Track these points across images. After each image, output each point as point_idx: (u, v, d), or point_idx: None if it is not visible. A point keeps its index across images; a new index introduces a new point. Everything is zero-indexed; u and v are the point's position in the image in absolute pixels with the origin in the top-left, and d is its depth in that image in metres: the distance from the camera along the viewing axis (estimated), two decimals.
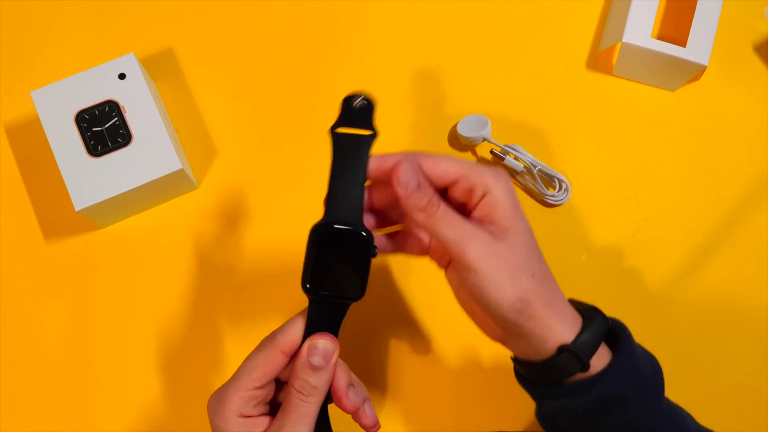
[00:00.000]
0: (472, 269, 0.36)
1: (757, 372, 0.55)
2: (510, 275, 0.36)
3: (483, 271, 0.36)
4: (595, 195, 0.59)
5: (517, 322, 0.37)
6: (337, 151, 0.39)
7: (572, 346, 0.37)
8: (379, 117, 0.63)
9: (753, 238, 0.58)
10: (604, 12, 0.64)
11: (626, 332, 0.40)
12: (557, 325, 0.38)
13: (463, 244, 0.36)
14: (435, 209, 0.36)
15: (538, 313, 0.37)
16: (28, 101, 0.55)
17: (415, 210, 0.36)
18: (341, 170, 0.38)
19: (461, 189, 0.38)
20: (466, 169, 0.38)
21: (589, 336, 0.38)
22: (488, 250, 0.36)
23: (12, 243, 0.57)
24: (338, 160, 0.39)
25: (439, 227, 0.36)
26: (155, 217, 0.58)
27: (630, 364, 0.39)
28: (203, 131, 0.60)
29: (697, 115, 0.61)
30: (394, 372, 0.55)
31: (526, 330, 0.37)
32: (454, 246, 0.36)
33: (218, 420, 0.39)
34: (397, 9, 0.63)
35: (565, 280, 0.57)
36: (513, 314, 0.36)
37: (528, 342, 0.38)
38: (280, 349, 0.40)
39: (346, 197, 0.38)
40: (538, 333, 0.37)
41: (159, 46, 0.61)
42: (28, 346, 0.55)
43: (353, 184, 0.38)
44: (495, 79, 0.61)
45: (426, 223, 0.36)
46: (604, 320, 0.40)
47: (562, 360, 0.37)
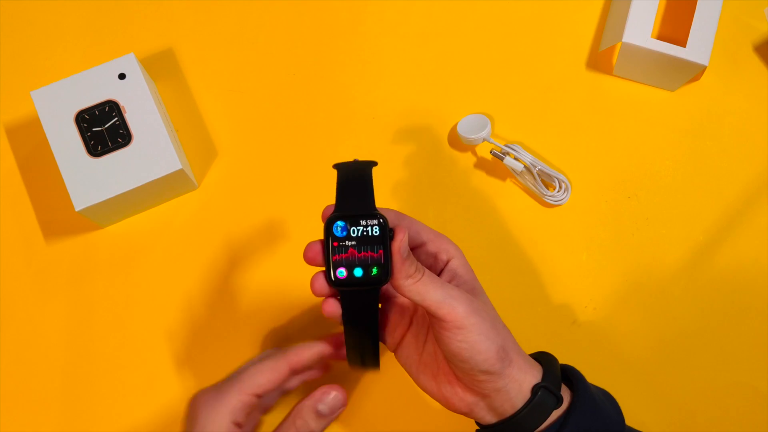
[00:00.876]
0: (461, 325, 0.38)
1: (757, 372, 0.55)
2: (492, 326, 0.39)
3: (471, 324, 0.38)
4: (595, 195, 0.59)
5: (501, 370, 0.39)
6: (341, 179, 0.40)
7: (544, 383, 0.40)
8: (379, 117, 0.63)
9: (753, 238, 0.58)
10: (604, 12, 0.64)
11: (578, 373, 0.43)
12: (529, 368, 0.41)
13: (452, 302, 0.38)
14: (421, 275, 0.39)
15: (515, 359, 0.40)
16: (28, 101, 0.55)
17: (404, 277, 0.38)
18: (347, 186, 0.39)
19: (426, 252, 0.42)
20: (432, 235, 0.42)
21: (554, 373, 0.41)
22: (472, 305, 0.39)
23: (12, 243, 0.57)
24: (343, 180, 0.40)
25: (427, 290, 0.38)
26: (155, 217, 0.58)
27: (589, 401, 0.41)
28: (203, 131, 0.60)
29: (697, 115, 0.61)
30: (394, 372, 0.55)
31: (507, 377, 0.39)
32: (444, 305, 0.38)
33: (209, 419, 0.38)
34: (398, 9, 0.63)
35: (565, 280, 0.57)
36: (498, 363, 0.39)
37: (505, 395, 0.39)
38: (290, 364, 0.40)
39: (355, 201, 0.39)
40: (518, 378, 0.40)
41: (159, 46, 0.62)
42: (28, 346, 0.55)
43: (361, 192, 0.39)
44: (495, 79, 0.61)
45: (413, 288, 0.38)
46: (556, 360, 0.43)
47: (540, 398, 0.39)
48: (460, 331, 0.38)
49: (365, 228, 0.38)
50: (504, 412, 0.40)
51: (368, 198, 0.39)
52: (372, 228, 0.38)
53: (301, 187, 0.58)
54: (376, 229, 0.38)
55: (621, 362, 0.55)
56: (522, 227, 0.58)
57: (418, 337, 0.43)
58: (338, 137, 0.60)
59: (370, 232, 0.38)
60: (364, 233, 0.38)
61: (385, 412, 0.54)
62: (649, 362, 0.55)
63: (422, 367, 0.43)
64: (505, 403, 0.40)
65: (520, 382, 0.40)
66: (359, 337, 0.41)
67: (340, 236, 0.38)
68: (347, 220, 0.38)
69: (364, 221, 0.38)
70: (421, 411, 0.54)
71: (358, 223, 0.38)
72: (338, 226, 0.38)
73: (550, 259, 0.58)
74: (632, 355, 0.55)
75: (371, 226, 0.38)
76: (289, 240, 0.57)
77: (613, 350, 0.55)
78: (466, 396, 0.41)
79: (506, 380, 0.39)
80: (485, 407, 0.41)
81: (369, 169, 0.39)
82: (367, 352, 0.42)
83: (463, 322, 0.38)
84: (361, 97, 0.61)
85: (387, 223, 0.38)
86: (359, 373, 0.54)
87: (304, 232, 0.57)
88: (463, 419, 0.43)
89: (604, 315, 0.56)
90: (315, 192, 0.58)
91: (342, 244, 0.38)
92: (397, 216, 0.41)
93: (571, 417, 0.40)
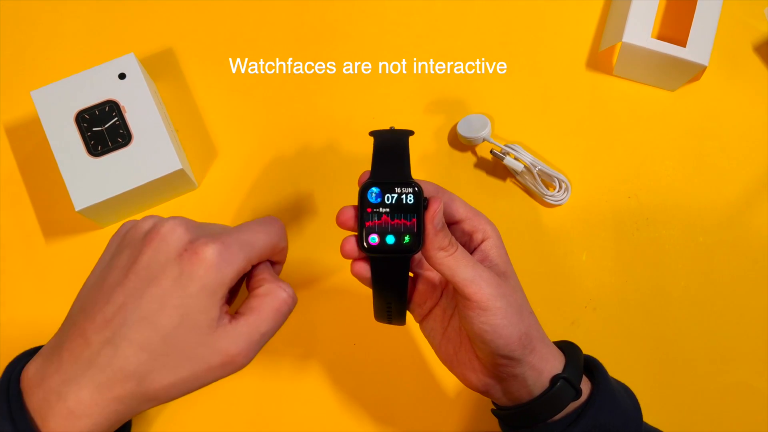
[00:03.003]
0: (486, 307, 0.37)
1: (757, 372, 0.55)
2: (517, 312, 0.39)
3: (496, 308, 0.38)
4: (595, 195, 0.59)
5: (522, 357, 0.38)
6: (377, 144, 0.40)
7: (565, 374, 0.40)
8: (379, 117, 0.63)
9: (753, 238, 0.58)
10: (604, 12, 0.64)
11: (600, 365, 0.43)
12: (551, 357, 0.40)
13: (480, 282, 0.38)
14: (454, 249, 0.38)
15: (538, 347, 0.40)
16: (28, 101, 0.55)
17: (436, 249, 0.38)
18: (382, 154, 0.39)
19: (462, 230, 0.41)
20: (470, 213, 0.41)
21: (576, 365, 0.41)
22: (500, 289, 0.38)
23: (12, 243, 0.57)
24: (379, 147, 0.39)
25: (458, 266, 0.38)
26: None
27: (609, 395, 0.41)
28: (203, 131, 0.60)
29: (697, 115, 0.61)
30: (395, 372, 0.55)
31: (526, 365, 0.39)
32: (471, 285, 0.37)
33: (224, 272, 0.33)
34: (398, 9, 0.63)
35: (565, 280, 0.57)
36: (519, 349, 0.38)
37: (522, 381, 0.39)
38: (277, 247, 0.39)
39: (390, 168, 0.39)
40: (538, 367, 0.39)
41: (159, 46, 0.62)
42: (28, 346, 0.55)
43: (397, 161, 0.39)
44: (495, 79, 0.61)
45: (444, 262, 0.38)
46: (581, 351, 0.43)
47: (558, 389, 0.39)
48: (485, 312, 0.38)
49: (400, 196, 0.38)
50: (520, 398, 0.40)
51: (404, 166, 0.38)
52: (407, 196, 0.38)
53: (301, 187, 0.58)
54: (410, 198, 0.38)
55: (621, 362, 0.55)
56: (522, 227, 0.58)
57: (446, 311, 0.43)
58: (338, 137, 0.60)
59: (404, 200, 0.38)
60: (399, 201, 0.38)
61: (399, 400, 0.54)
62: (649, 362, 0.55)
63: (445, 341, 0.43)
64: (521, 390, 0.40)
65: (539, 371, 0.39)
66: (387, 300, 0.41)
67: (374, 203, 0.38)
68: (382, 186, 0.38)
69: (399, 189, 0.38)
70: (424, 413, 0.54)
71: (393, 191, 0.38)
72: (373, 192, 0.38)
73: (550, 259, 0.58)
74: (632, 355, 0.55)
75: (406, 194, 0.38)
76: (289, 240, 0.57)
77: (613, 350, 0.55)
78: (484, 376, 0.41)
79: (525, 367, 0.39)
80: (501, 390, 0.41)
81: (405, 138, 0.39)
82: (394, 312, 0.42)
83: (488, 304, 0.37)
84: (361, 97, 0.61)
85: (422, 192, 0.38)
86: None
87: (304, 232, 0.58)
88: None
89: (604, 315, 0.56)
90: (315, 192, 0.58)
91: (375, 211, 0.38)
92: (436, 189, 0.41)
93: (589, 410, 0.39)
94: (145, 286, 0.32)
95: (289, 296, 0.36)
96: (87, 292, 0.35)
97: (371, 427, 0.54)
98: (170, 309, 0.32)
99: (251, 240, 0.36)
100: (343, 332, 0.55)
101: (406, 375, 0.54)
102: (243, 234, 0.36)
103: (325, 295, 0.55)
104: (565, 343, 0.43)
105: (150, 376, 0.32)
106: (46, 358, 0.34)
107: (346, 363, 0.55)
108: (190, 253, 0.33)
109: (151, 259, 0.33)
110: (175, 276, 0.32)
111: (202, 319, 0.32)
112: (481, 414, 0.54)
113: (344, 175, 0.58)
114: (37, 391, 0.32)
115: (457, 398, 0.54)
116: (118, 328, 0.32)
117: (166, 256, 0.33)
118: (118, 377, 0.31)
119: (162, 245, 0.33)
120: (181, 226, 0.34)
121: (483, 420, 0.53)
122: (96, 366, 0.32)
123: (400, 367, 0.55)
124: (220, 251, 0.33)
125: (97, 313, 0.33)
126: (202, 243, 0.33)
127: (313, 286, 0.55)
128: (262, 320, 0.34)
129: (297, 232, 0.58)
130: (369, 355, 0.55)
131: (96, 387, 0.31)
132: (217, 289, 0.33)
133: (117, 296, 0.32)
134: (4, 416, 0.32)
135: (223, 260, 0.33)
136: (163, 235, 0.33)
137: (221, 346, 0.33)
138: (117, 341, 0.32)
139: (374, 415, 0.54)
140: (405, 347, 0.55)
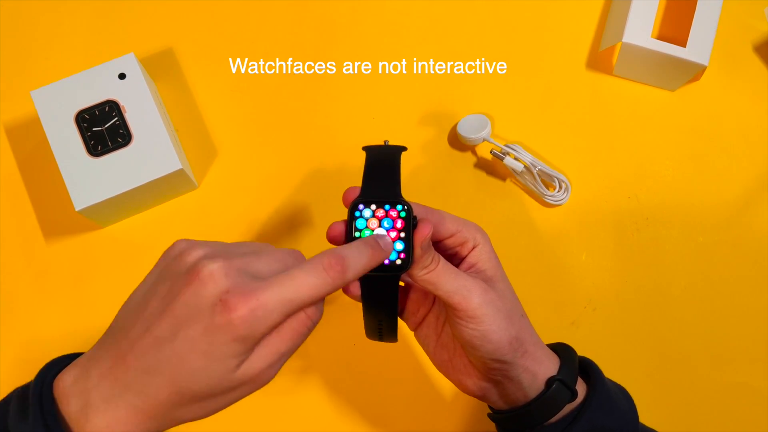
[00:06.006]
0: (474, 316, 0.38)
1: (757, 372, 0.55)
2: (506, 317, 0.39)
3: (484, 315, 0.38)
4: (595, 195, 0.59)
5: (513, 360, 0.39)
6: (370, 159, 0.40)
7: (560, 376, 0.40)
8: (379, 117, 0.63)
9: (753, 238, 0.58)
10: (604, 12, 0.64)
11: (595, 367, 0.43)
12: (546, 359, 0.40)
13: (465, 292, 0.38)
14: (435, 265, 0.39)
15: (530, 349, 0.40)
16: (28, 101, 0.55)
17: (418, 269, 0.38)
18: (374, 171, 0.39)
19: (455, 241, 0.41)
20: (459, 226, 0.42)
21: (571, 367, 0.41)
22: (486, 297, 0.39)
23: (12, 243, 0.57)
24: (371, 164, 0.39)
25: (441, 280, 0.38)
26: (155, 217, 0.58)
27: (604, 396, 0.41)
28: (203, 131, 0.60)
29: (697, 115, 0.61)
30: (395, 372, 0.55)
31: (520, 368, 0.39)
32: (456, 295, 0.38)
33: (255, 328, 0.32)
34: (398, 8, 0.63)
35: (565, 280, 0.57)
36: (510, 353, 0.39)
37: (517, 384, 0.40)
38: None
39: (380, 186, 0.38)
40: (531, 369, 0.40)
41: (159, 46, 0.61)
42: (28, 346, 0.55)
43: (387, 179, 0.39)
44: (495, 79, 0.61)
45: (426, 278, 0.38)
46: (575, 353, 0.43)
47: (554, 392, 0.39)
48: (472, 320, 0.38)
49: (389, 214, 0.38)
50: (516, 400, 0.40)
51: (394, 184, 0.38)
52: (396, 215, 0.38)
53: (301, 187, 0.58)
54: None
55: (621, 362, 0.55)
56: (522, 227, 0.58)
57: (439, 318, 0.43)
58: (338, 137, 0.60)
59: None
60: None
61: (396, 403, 0.54)
62: (648, 362, 0.55)
63: (439, 348, 0.43)
64: (517, 392, 0.40)
65: (533, 373, 0.40)
66: (378, 318, 0.41)
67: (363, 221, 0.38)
68: (371, 205, 0.38)
69: (389, 208, 0.38)
70: (424, 412, 0.54)
71: (382, 209, 0.38)
72: (361, 210, 0.38)
73: (550, 259, 0.58)
74: (632, 355, 0.55)
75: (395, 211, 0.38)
76: (289, 239, 0.57)
77: (612, 350, 0.55)
78: (479, 381, 0.41)
79: (519, 370, 0.39)
80: (497, 394, 0.41)
81: (398, 155, 0.39)
82: (385, 329, 0.42)
83: (476, 312, 0.38)
84: (361, 97, 0.61)
85: (411, 211, 0.38)
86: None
87: (304, 232, 0.58)
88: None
89: (604, 315, 0.56)
90: (315, 192, 0.58)
91: (364, 229, 0.38)
92: (425, 210, 0.41)
93: (585, 412, 0.40)
94: (180, 327, 0.32)
95: (308, 317, 0.35)
96: (130, 312, 0.35)
97: (368, 428, 0.54)
98: (199, 353, 0.32)
99: (294, 297, 0.33)
100: (342, 332, 0.55)
101: (404, 377, 0.54)
102: (285, 288, 0.33)
103: None
104: (560, 345, 0.44)
105: (180, 405, 0.33)
106: (85, 370, 0.34)
107: (345, 364, 0.55)
108: (222, 308, 0.32)
109: (188, 301, 0.32)
110: (206, 324, 0.32)
111: (230, 363, 0.33)
112: (478, 416, 0.54)
113: (344, 174, 0.58)
114: (74, 401, 0.33)
115: (454, 401, 0.54)
116: (153, 359, 0.32)
117: (203, 301, 0.32)
118: (153, 403, 0.33)
119: (200, 290, 0.32)
120: (221, 271, 0.33)
121: (480, 422, 0.53)
122: (132, 391, 0.33)
123: (397, 370, 0.55)
124: (253, 310, 0.32)
125: (136, 339, 0.33)
126: (238, 300, 0.32)
127: None
128: (282, 341, 0.34)
129: (297, 231, 0.58)
130: (367, 356, 0.55)
131: (132, 409, 0.33)
132: (246, 341, 0.32)
133: (155, 328, 0.33)
134: (38, 422, 0.32)
135: (257, 318, 0.32)
136: (202, 279, 0.32)
137: (243, 374, 0.33)
138: (152, 372, 0.32)
139: (371, 416, 0.54)
140: (403, 350, 0.55)
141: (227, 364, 0.33)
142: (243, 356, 0.33)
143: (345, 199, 0.39)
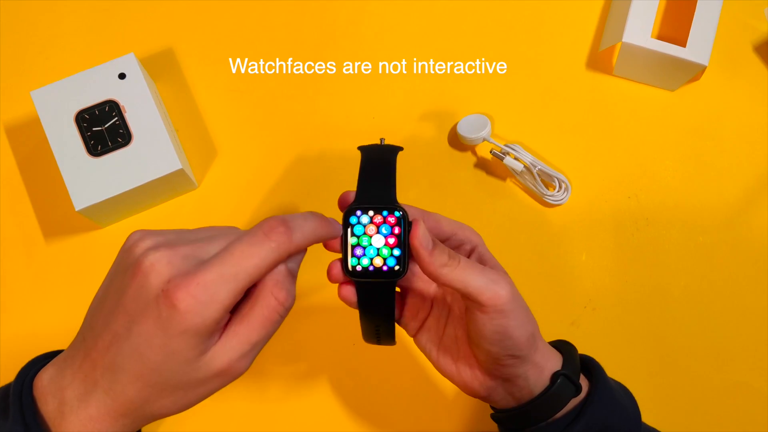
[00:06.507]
0: (502, 310, 0.37)
1: (757, 372, 0.55)
2: (525, 312, 0.39)
3: (510, 310, 0.37)
4: (595, 195, 0.59)
5: (528, 355, 0.39)
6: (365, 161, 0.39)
7: (565, 371, 0.40)
8: (379, 117, 0.63)
9: (753, 238, 0.58)
10: (604, 12, 0.64)
11: (597, 364, 0.43)
12: (551, 355, 0.41)
13: (494, 287, 0.37)
14: (457, 262, 0.37)
15: (540, 345, 0.40)
16: (28, 101, 0.55)
17: (439, 267, 0.37)
18: (369, 174, 0.39)
19: (451, 244, 0.41)
20: (455, 228, 0.41)
21: (573, 362, 0.41)
22: (514, 290, 0.38)
23: (12, 243, 0.57)
24: (366, 166, 0.39)
25: (468, 277, 0.37)
26: (155, 217, 0.58)
27: (607, 393, 0.41)
28: (203, 131, 0.60)
29: (697, 115, 0.61)
30: (395, 372, 0.55)
31: (529, 363, 0.39)
32: (487, 291, 0.37)
33: (204, 315, 0.31)
34: (398, 8, 0.63)
35: (565, 280, 0.57)
36: (527, 348, 0.39)
37: (524, 380, 0.39)
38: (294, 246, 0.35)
39: (376, 190, 0.38)
40: (539, 364, 0.40)
41: (159, 46, 0.62)
42: (28, 346, 0.55)
43: (383, 182, 0.38)
44: (495, 79, 0.61)
45: (451, 276, 0.37)
46: (575, 349, 0.43)
47: (559, 386, 0.39)
48: (500, 315, 0.37)
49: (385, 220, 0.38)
50: (522, 397, 0.40)
51: (390, 188, 0.38)
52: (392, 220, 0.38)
53: (301, 187, 0.58)
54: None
55: (621, 362, 0.55)
56: (522, 227, 0.58)
57: (439, 321, 0.43)
58: (338, 137, 0.60)
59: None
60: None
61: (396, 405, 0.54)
62: (648, 362, 0.55)
63: (442, 351, 0.43)
64: (522, 390, 0.40)
65: (540, 369, 0.40)
66: (375, 323, 0.41)
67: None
68: (369, 211, 0.37)
69: (386, 214, 0.37)
70: (424, 412, 0.54)
71: (378, 214, 0.38)
72: (357, 216, 0.38)
73: (549, 259, 0.58)
74: (632, 355, 0.55)
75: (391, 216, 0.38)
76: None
77: (612, 350, 0.55)
78: (485, 380, 0.41)
79: (528, 366, 0.39)
80: (503, 392, 0.41)
81: (393, 156, 0.39)
82: (382, 333, 0.42)
83: (505, 307, 0.37)
84: (361, 97, 0.61)
85: (407, 216, 0.37)
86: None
87: None
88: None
89: (604, 315, 0.56)
90: (314, 192, 0.58)
91: (360, 235, 0.37)
92: (421, 213, 0.41)
93: (588, 408, 0.40)
94: (132, 322, 0.32)
95: (279, 303, 0.33)
96: (94, 308, 0.35)
97: (368, 428, 0.54)
98: (155, 347, 0.31)
99: (237, 271, 0.31)
100: (342, 332, 0.55)
101: (404, 377, 0.54)
102: (226, 264, 0.31)
103: (325, 295, 0.55)
104: (560, 342, 0.44)
105: (149, 400, 0.32)
106: (60, 369, 0.34)
107: (345, 364, 0.55)
108: (164, 298, 0.31)
109: (135, 296, 0.32)
110: (155, 318, 0.31)
111: (189, 354, 0.32)
112: (479, 416, 0.54)
113: (344, 174, 0.58)
114: (51, 400, 0.33)
115: (455, 401, 0.54)
116: (114, 357, 0.32)
117: (147, 295, 0.31)
118: (123, 400, 0.32)
119: (144, 282, 0.31)
120: (164, 260, 0.31)
121: (481, 422, 0.53)
122: (101, 388, 0.32)
123: (397, 370, 0.55)
124: (195, 295, 0.30)
125: (98, 337, 0.33)
126: (177, 287, 0.30)
127: (313, 286, 0.55)
128: (252, 330, 0.33)
129: None
130: (367, 355, 0.55)
131: (104, 406, 0.32)
132: (200, 330, 0.31)
133: (112, 324, 0.32)
134: (17, 421, 0.32)
135: (201, 304, 0.31)
136: (144, 272, 0.31)
137: (213, 366, 0.32)
138: (115, 369, 0.32)
139: (372, 416, 0.54)
140: (403, 349, 0.55)
141: (186, 355, 0.31)
142: (201, 346, 0.32)
143: (341, 204, 0.39)
